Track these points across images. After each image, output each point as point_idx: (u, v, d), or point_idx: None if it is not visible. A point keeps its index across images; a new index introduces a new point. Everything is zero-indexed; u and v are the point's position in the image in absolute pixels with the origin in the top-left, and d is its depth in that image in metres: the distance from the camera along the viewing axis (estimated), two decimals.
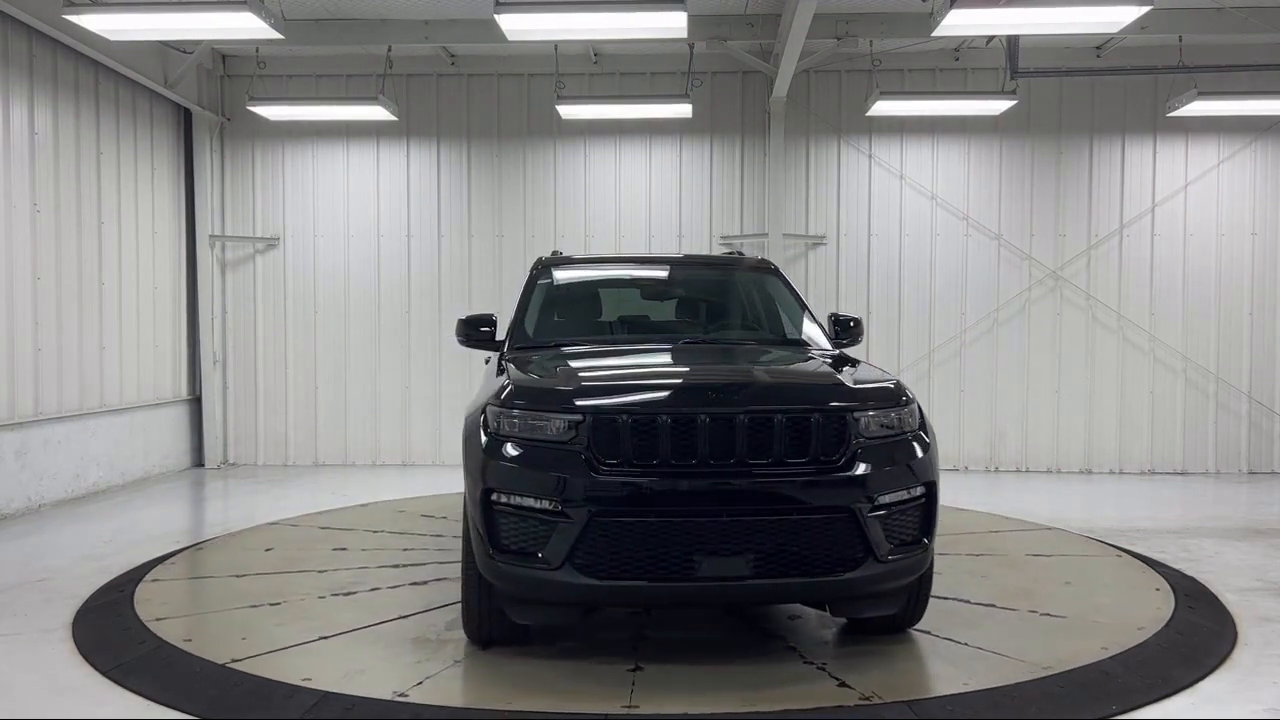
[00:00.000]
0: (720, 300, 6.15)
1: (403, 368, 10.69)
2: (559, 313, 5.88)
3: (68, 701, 4.05)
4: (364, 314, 10.72)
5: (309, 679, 4.13)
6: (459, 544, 6.39)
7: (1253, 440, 10.34)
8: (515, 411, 4.19)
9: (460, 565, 4.57)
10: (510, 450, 4.13)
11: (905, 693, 4.04)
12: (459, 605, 4.95)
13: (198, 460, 10.67)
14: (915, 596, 4.53)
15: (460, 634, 4.67)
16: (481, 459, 4.18)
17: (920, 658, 4.49)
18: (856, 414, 4.16)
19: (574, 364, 4.75)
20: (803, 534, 3.99)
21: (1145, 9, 6.78)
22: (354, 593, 5.46)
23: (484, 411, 4.32)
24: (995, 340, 10.40)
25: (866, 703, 3.92)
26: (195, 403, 10.67)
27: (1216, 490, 9.43)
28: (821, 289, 10.37)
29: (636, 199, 10.61)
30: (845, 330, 5.68)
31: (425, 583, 5.66)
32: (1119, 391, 10.37)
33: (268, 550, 6.47)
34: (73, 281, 8.69)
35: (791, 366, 4.96)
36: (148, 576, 5.86)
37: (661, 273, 6.49)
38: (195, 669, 4.32)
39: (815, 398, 4.23)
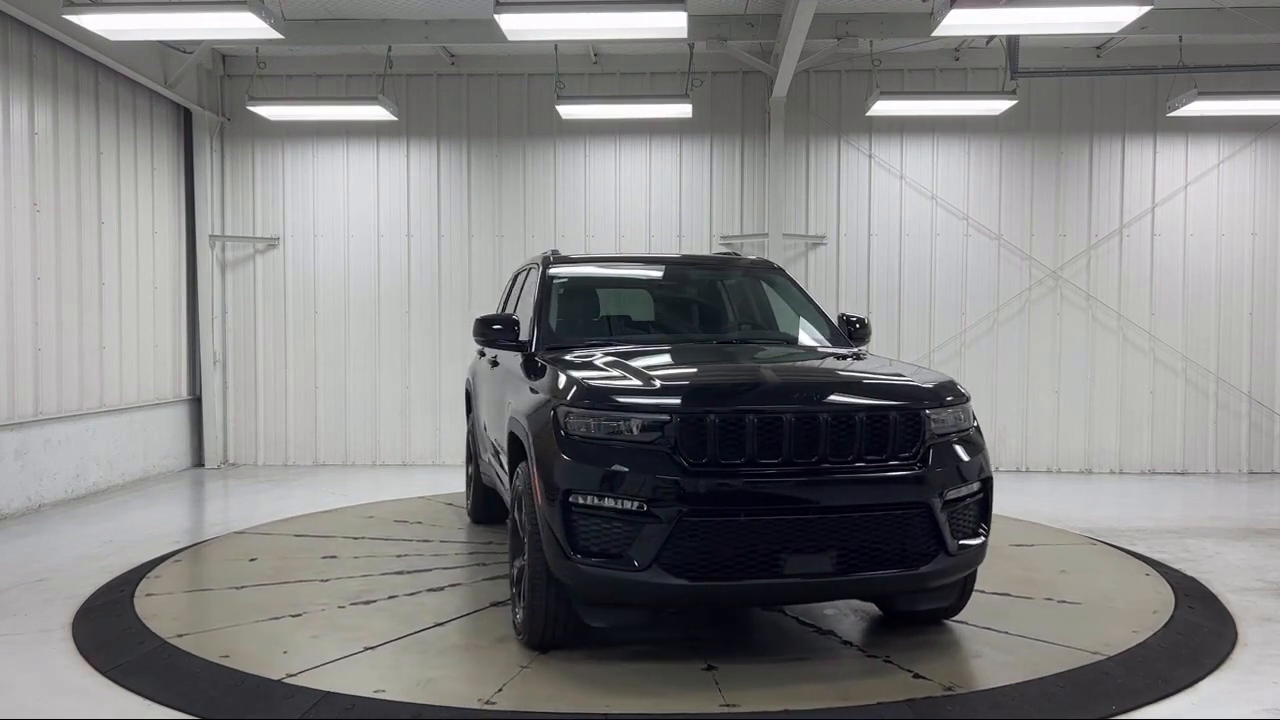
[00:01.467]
0: (740, 301, 6.16)
1: (402, 367, 10.69)
2: (583, 312, 5.86)
3: (67, 701, 4.05)
4: (364, 314, 10.72)
5: (380, 690, 3.99)
6: (452, 548, 6.47)
7: (1253, 440, 10.34)
8: (595, 412, 4.12)
9: (521, 569, 4.52)
10: (591, 451, 4.06)
11: (981, 682, 4.14)
12: (492, 610, 5.02)
13: (198, 460, 10.67)
14: (963, 588, 4.65)
15: (511, 639, 4.61)
16: (557, 460, 4.10)
17: (973, 647, 4.59)
18: (928, 411, 4.25)
19: (637, 363, 4.64)
20: (882, 529, 4.07)
21: (1145, 9, 6.77)
22: (374, 600, 5.30)
23: (554, 411, 4.22)
24: (995, 340, 10.40)
25: (950, 693, 4.00)
26: (195, 403, 10.68)
27: (1216, 490, 9.43)
28: (821, 289, 10.37)
29: (636, 199, 10.61)
30: (854, 330, 5.77)
31: (442, 589, 5.54)
32: (1119, 391, 10.37)
33: (252, 560, 6.19)
34: (73, 281, 8.69)
35: (859, 366, 4.99)
36: (148, 576, 5.86)
37: (677, 272, 6.42)
38: (195, 669, 4.32)
39: (892, 395, 4.30)
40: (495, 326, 5.36)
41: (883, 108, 9.54)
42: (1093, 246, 10.36)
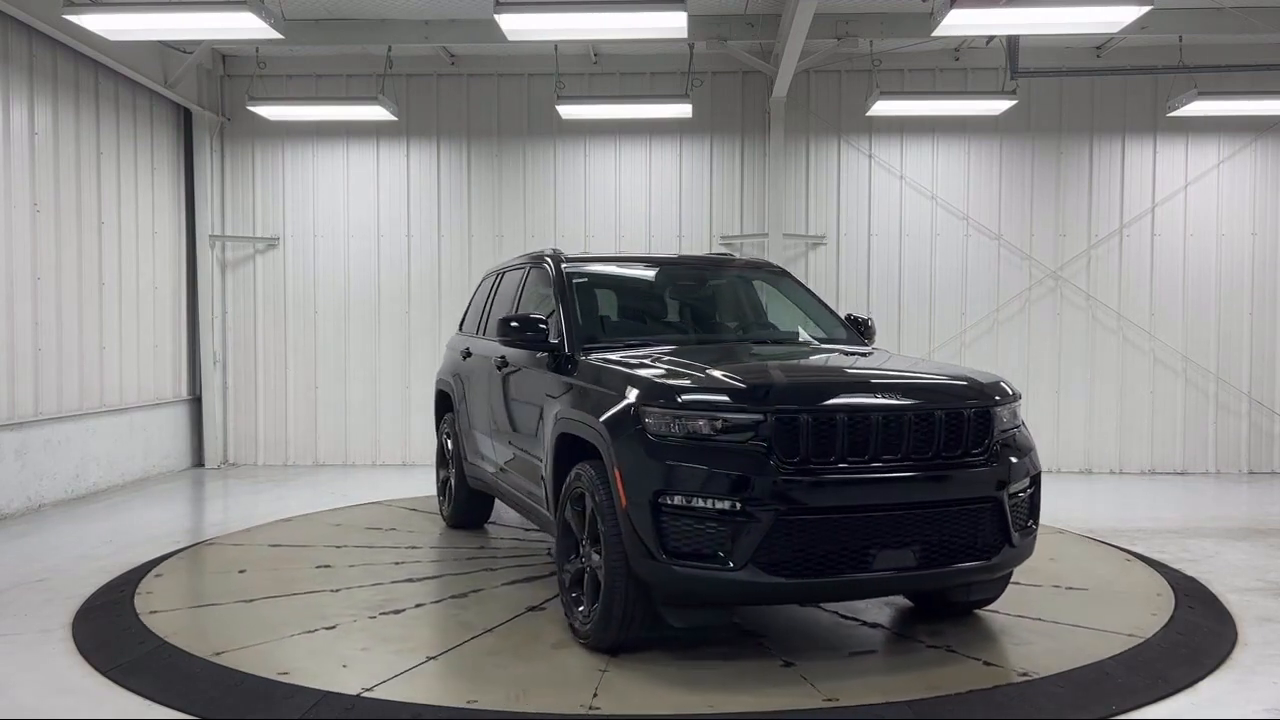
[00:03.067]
0: (752, 301, 6.25)
1: (403, 368, 10.69)
2: (613, 312, 5.86)
3: (68, 701, 4.05)
4: (364, 314, 10.73)
5: (474, 701, 3.93)
6: (451, 554, 6.43)
7: (1253, 440, 10.33)
8: (685, 412, 4.11)
9: (577, 572, 4.56)
10: (681, 452, 4.06)
11: (1055, 667, 4.27)
12: (530, 616, 5.00)
13: (198, 460, 10.67)
14: (1005, 579, 4.83)
15: (568, 643, 4.58)
16: (646, 462, 4.09)
17: (1017, 634, 4.76)
18: (995, 409, 4.41)
19: (708, 363, 4.67)
20: (959, 523, 4.22)
21: (1145, 9, 6.77)
22: (403, 610, 5.15)
23: (639, 412, 4.20)
24: (995, 340, 10.40)
25: (1026, 678, 4.17)
26: (195, 403, 10.68)
27: (1216, 490, 9.43)
28: (821, 289, 10.36)
29: (636, 199, 10.61)
30: (863, 330, 5.96)
31: (465, 595, 5.43)
32: (1119, 391, 10.37)
33: (241, 572, 5.92)
34: (73, 281, 8.70)
35: (924, 365, 5.23)
36: (148, 576, 5.86)
37: (693, 272, 6.39)
38: (195, 669, 4.31)
39: (966, 394, 4.42)
40: (522, 327, 5.25)
41: (883, 108, 9.55)
42: (1093, 246, 10.36)
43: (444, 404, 7.46)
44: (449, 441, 7.21)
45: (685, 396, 4.18)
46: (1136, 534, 7.18)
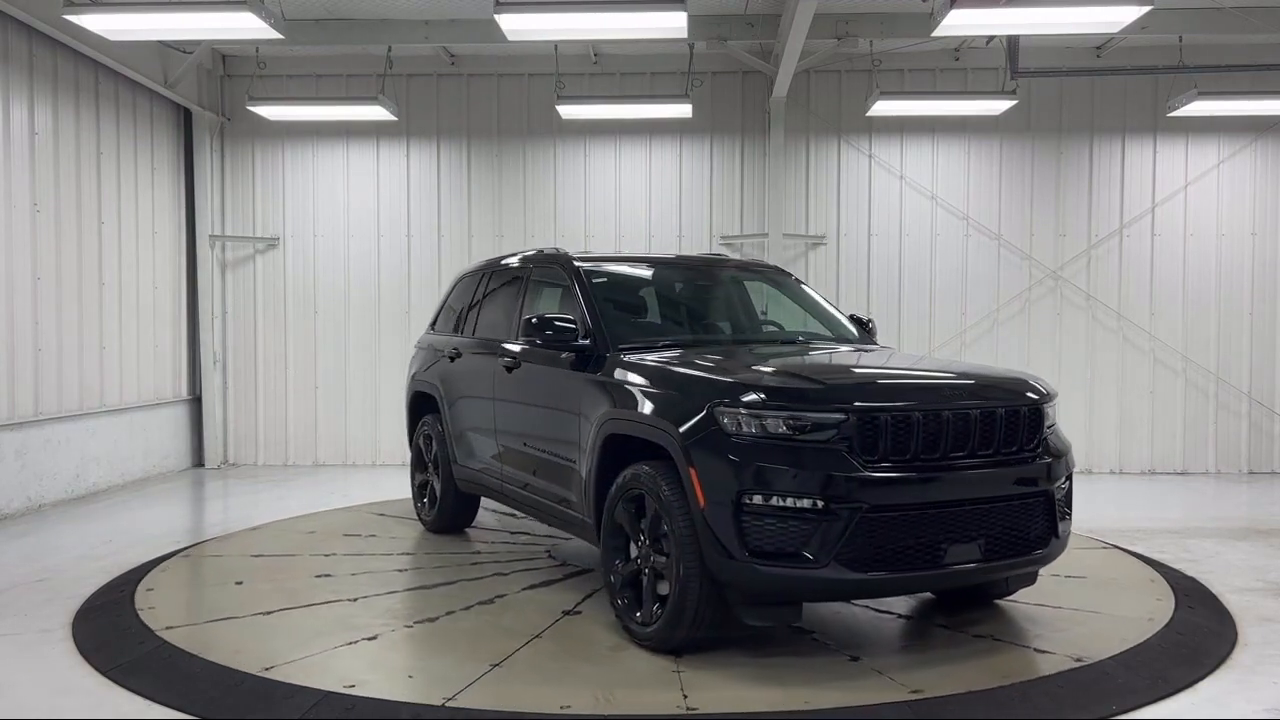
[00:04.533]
0: (786, 302, 6.31)
1: (403, 367, 10.61)
2: (636, 312, 5.87)
3: (68, 701, 4.05)
4: (364, 314, 10.72)
5: (567, 706, 3.89)
6: (454, 559, 6.38)
7: (1253, 440, 10.33)
8: (767, 412, 4.14)
9: (632, 573, 4.57)
10: (763, 452, 4.08)
11: (1103, 652, 4.45)
12: (570, 619, 4.98)
13: (198, 460, 10.67)
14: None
15: (622, 644, 4.57)
16: (726, 462, 4.10)
17: (1055, 621, 4.96)
18: (1044, 405, 4.58)
19: (760, 361, 4.81)
20: (1018, 517, 4.37)
21: (1145, 9, 6.77)
22: (435, 619, 5.02)
23: (716, 412, 4.21)
24: (995, 340, 10.39)
25: (1080, 663, 4.36)
26: (195, 403, 10.68)
27: (1216, 490, 9.43)
28: (821, 289, 10.36)
29: (636, 199, 10.61)
30: (867, 329, 6.08)
31: (491, 601, 5.31)
32: (1119, 391, 10.37)
33: (239, 584, 5.72)
34: (73, 281, 8.69)
35: (978, 365, 5.37)
36: (148, 576, 5.85)
37: (708, 273, 6.40)
38: (195, 669, 4.31)
39: (1023, 391, 4.57)
40: (551, 328, 5.19)
41: (883, 108, 9.54)
42: (1093, 246, 10.36)
43: (423, 406, 7.28)
44: (432, 444, 7.03)
45: (767, 397, 4.20)
46: (1136, 534, 7.18)
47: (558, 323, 5.21)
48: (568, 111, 9.74)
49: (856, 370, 5.00)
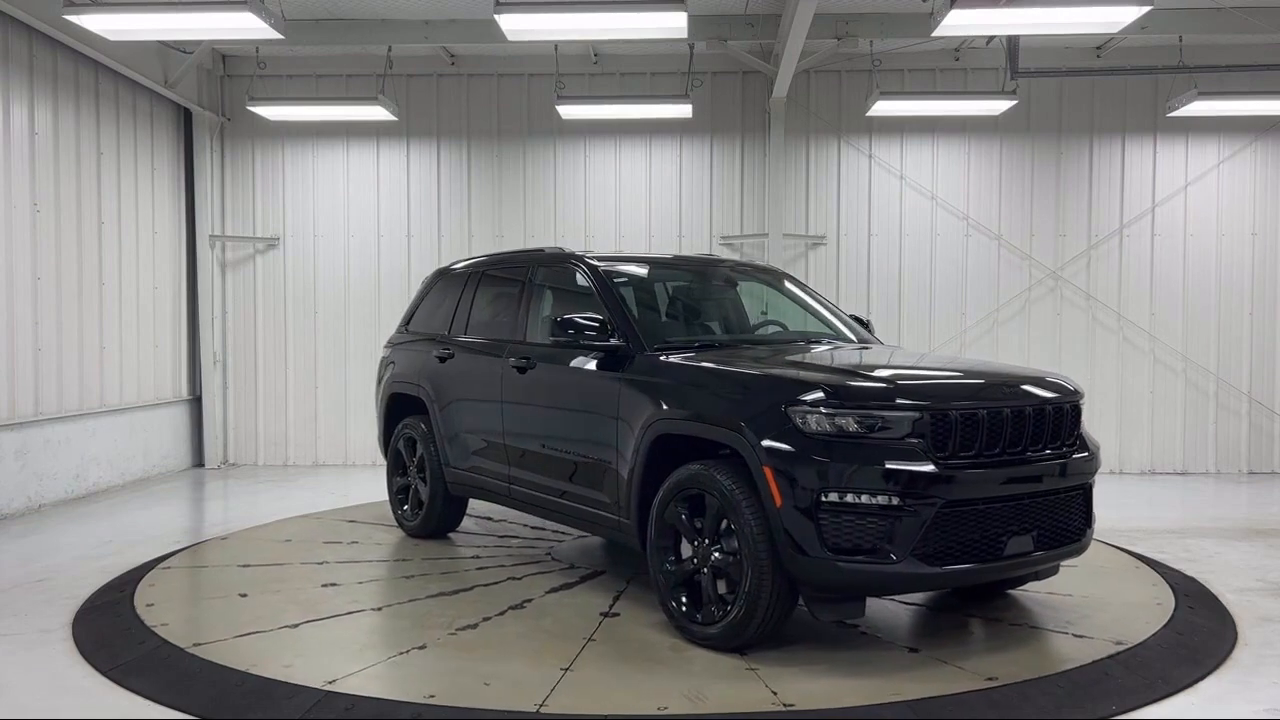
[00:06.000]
0: (787, 302, 6.37)
1: None
2: (659, 313, 5.89)
3: (68, 701, 4.05)
4: (364, 314, 10.72)
5: (664, 707, 3.87)
6: (459, 565, 6.35)
7: (1253, 440, 10.34)
8: (844, 411, 4.20)
9: (686, 573, 4.59)
10: (843, 450, 4.15)
11: (1135, 637, 4.64)
12: (613, 621, 4.96)
13: (198, 460, 10.67)
14: None
15: (685, 644, 4.55)
16: (805, 461, 4.14)
17: (1081, 608, 5.19)
18: (1080, 403, 4.79)
19: (821, 360, 4.96)
20: (1064, 509, 4.58)
21: (1145, 9, 6.78)
22: (475, 625, 4.91)
23: (788, 412, 4.25)
24: (995, 340, 10.39)
25: (1121, 647, 4.56)
26: (195, 403, 10.68)
27: (1216, 490, 9.43)
28: (821, 289, 10.36)
29: (636, 199, 10.61)
30: (866, 328, 6.22)
31: (522, 606, 5.22)
32: (1119, 391, 10.37)
33: (242, 596, 5.44)
34: (73, 281, 8.70)
35: (1007, 364, 5.57)
36: (148, 576, 5.85)
37: (719, 274, 6.42)
38: (195, 669, 4.31)
39: (1065, 389, 4.73)
40: (583, 328, 5.15)
41: (883, 108, 9.54)
42: (1093, 246, 10.36)
43: (403, 408, 7.06)
44: (416, 447, 6.82)
45: (843, 396, 4.26)
46: (1136, 534, 7.17)
47: (589, 323, 5.16)
48: (568, 111, 9.74)
49: (917, 369, 5.10)
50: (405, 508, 7.03)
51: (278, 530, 7.21)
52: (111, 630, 4.87)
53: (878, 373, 4.69)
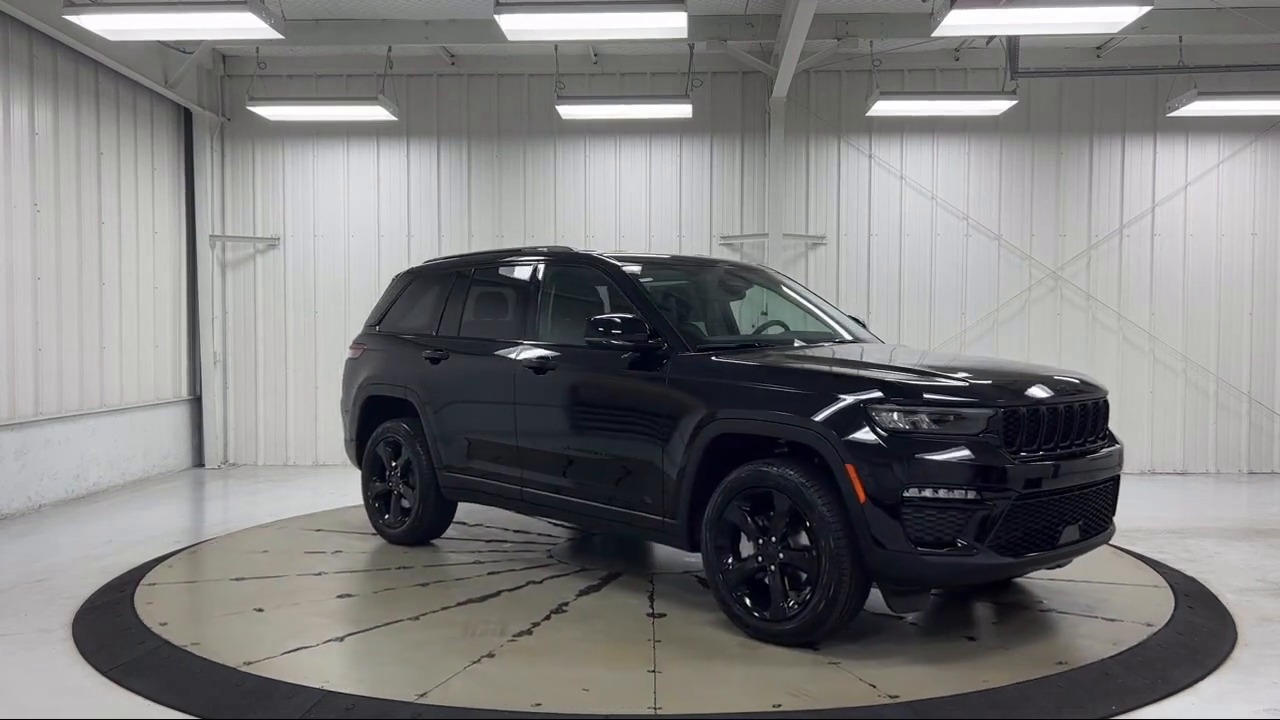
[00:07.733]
0: (796, 304, 6.41)
1: None
2: (686, 314, 5.93)
3: (68, 701, 4.05)
4: (364, 314, 10.65)
5: (779, 705, 3.88)
6: (470, 570, 6.27)
7: (1253, 440, 10.33)
8: (923, 409, 4.34)
9: (753, 569, 4.63)
10: (927, 446, 4.28)
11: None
12: (664, 621, 4.95)
13: (198, 460, 10.67)
14: None
15: (753, 641, 4.57)
16: (887, 458, 4.24)
17: (1099, 595, 5.46)
18: (1108, 398, 5.04)
19: (883, 360, 5.06)
20: (1102, 499, 4.86)
21: (1145, 9, 6.78)
22: (530, 630, 4.80)
23: (869, 410, 4.34)
24: (995, 340, 10.39)
25: (1151, 629, 4.91)
26: (195, 403, 10.68)
27: (1216, 490, 9.43)
28: (821, 289, 10.36)
29: (636, 199, 10.61)
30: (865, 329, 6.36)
31: (564, 610, 5.14)
32: (1119, 391, 10.35)
33: (258, 611, 5.13)
34: (73, 281, 8.70)
35: (1034, 364, 5.80)
36: (148, 576, 5.85)
37: (733, 275, 6.49)
38: (195, 669, 4.31)
39: (1098, 387, 5.00)
40: (621, 328, 5.10)
41: (883, 108, 9.54)
42: (1093, 246, 10.36)
43: (381, 411, 6.82)
44: (400, 451, 6.61)
45: (922, 395, 4.40)
46: (1136, 534, 7.18)
47: (625, 324, 5.10)
48: (568, 112, 9.74)
49: (978, 370, 5.05)
50: (385, 516, 6.76)
51: (278, 530, 7.21)
52: (111, 630, 4.87)
53: (949, 372, 4.75)
